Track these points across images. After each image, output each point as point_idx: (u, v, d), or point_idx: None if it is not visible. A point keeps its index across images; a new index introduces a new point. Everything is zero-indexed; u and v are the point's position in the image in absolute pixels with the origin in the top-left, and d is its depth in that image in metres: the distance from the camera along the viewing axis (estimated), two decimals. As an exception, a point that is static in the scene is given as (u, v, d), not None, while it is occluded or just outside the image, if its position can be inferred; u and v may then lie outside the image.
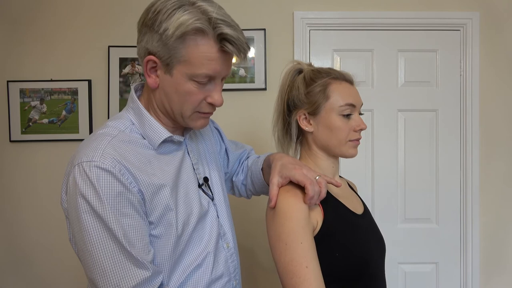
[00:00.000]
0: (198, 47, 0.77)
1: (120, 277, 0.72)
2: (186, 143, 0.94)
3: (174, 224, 0.81)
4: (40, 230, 1.79)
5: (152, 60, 0.80)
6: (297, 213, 0.85)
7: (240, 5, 1.80)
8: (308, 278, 0.81)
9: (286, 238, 0.83)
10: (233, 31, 0.77)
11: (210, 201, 0.93)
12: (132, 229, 0.75)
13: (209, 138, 1.07)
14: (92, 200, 0.72)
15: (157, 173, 0.82)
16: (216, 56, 0.78)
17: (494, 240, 1.84)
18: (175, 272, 0.83)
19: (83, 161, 0.75)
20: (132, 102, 0.88)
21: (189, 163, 0.92)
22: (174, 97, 0.82)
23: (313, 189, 0.85)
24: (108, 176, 0.74)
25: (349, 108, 0.95)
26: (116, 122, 0.85)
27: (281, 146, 1.06)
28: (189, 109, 0.83)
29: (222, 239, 0.93)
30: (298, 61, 1.05)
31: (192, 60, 0.77)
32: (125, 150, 0.79)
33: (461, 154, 1.85)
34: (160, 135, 0.84)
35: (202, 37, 0.76)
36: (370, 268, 0.93)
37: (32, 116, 1.79)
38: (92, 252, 0.73)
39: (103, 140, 0.78)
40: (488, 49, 1.83)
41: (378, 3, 1.82)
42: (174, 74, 0.79)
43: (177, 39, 0.75)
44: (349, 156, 0.98)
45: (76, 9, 1.80)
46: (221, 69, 0.81)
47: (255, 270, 1.79)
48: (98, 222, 0.73)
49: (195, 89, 0.80)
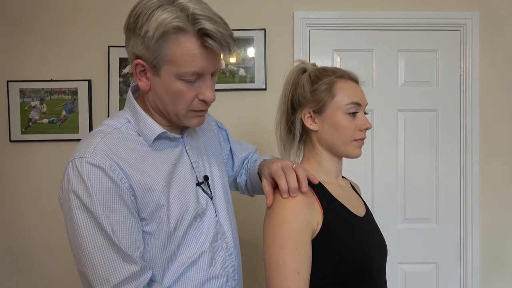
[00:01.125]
0: (180, 45, 0.76)
1: (109, 271, 0.74)
2: (184, 141, 0.94)
3: (165, 220, 0.81)
4: (40, 230, 1.79)
5: (140, 64, 0.80)
6: (296, 216, 0.84)
7: (240, 5, 1.80)
8: (298, 284, 0.81)
9: (282, 241, 0.83)
10: (213, 25, 0.75)
11: (209, 200, 0.92)
12: (120, 224, 0.76)
13: (212, 137, 1.07)
14: (83, 195, 0.74)
15: (149, 170, 0.82)
16: (199, 52, 0.77)
17: (494, 240, 1.84)
18: (169, 269, 0.83)
19: (76, 158, 0.77)
20: (129, 101, 0.89)
21: (186, 161, 0.92)
22: (166, 98, 0.82)
23: (283, 182, 0.85)
24: (98, 172, 0.75)
25: (354, 107, 0.95)
26: (112, 121, 0.87)
27: (283, 146, 1.05)
28: (183, 108, 0.83)
29: (221, 238, 0.93)
30: (302, 60, 1.05)
31: (176, 59, 0.77)
32: (117, 147, 0.80)
33: (461, 154, 1.85)
34: (154, 131, 0.85)
35: (183, 35, 0.76)
36: (371, 271, 0.92)
37: (32, 116, 1.79)
38: (82, 246, 0.74)
39: (97, 137, 0.80)
40: (488, 49, 1.83)
41: (378, 3, 1.82)
42: (162, 75, 0.79)
43: (158, 40, 0.75)
44: (353, 156, 0.98)
45: (76, 9, 1.80)
46: (207, 65, 0.80)
47: (257, 271, 1.79)
48: (88, 217, 0.74)
49: (184, 88, 0.80)
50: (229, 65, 1.80)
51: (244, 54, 1.80)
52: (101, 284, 0.74)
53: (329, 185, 0.96)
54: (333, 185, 0.98)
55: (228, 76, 1.80)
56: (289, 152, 1.05)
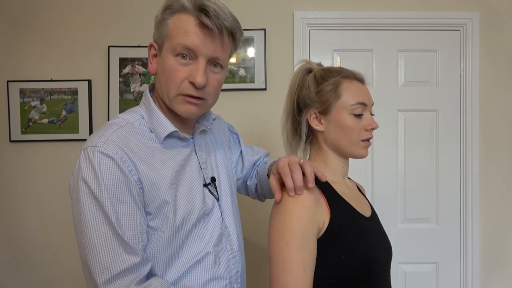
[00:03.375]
0: (179, 22, 0.82)
1: (110, 260, 0.75)
2: (194, 142, 0.95)
3: (170, 217, 0.82)
4: (40, 230, 1.79)
5: (153, 46, 0.88)
6: (303, 213, 0.84)
7: (240, 5, 1.80)
8: (303, 281, 0.81)
9: (289, 237, 0.83)
10: (212, 5, 0.80)
11: (215, 201, 0.93)
12: (125, 216, 0.77)
13: (222, 140, 1.07)
14: (92, 183, 0.75)
15: (157, 165, 0.83)
16: (195, 29, 0.81)
17: (494, 240, 1.84)
18: (171, 267, 0.84)
19: (88, 146, 0.79)
20: (145, 98, 0.91)
21: (195, 162, 0.92)
22: (162, 78, 0.85)
23: (289, 180, 0.85)
24: (109, 161, 0.77)
25: (360, 107, 0.95)
26: (126, 115, 0.89)
27: (290, 147, 1.05)
28: (172, 88, 0.84)
29: (226, 240, 0.93)
30: (307, 60, 1.04)
31: (172, 33, 0.82)
32: (129, 140, 0.82)
33: (461, 154, 1.85)
34: (166, 128, 0.86)
35: (184, 13, 0.82)
36: (376, 272, 0.92)
37: (32, 116, 1.79)
38: (87, 233, 0.75)
39: (110, 129, 0.82)
40: (488, 49, 1.83)
41: (378, 3, 1.82)
42: (163, 53, 0.84)
43: (162, 19, 0.83)
44: (359, 157, 0.98)
45: (76, 9, 1.80)
46: (202, 44, 0.81)
47: (261, 274, 1.79)
48: (95, 205, 0.75)
49: (178, 66, 0.82)
50: (229, 65, 1.80)
51: (244, 54, 1.80)
52: (102, 272, 0.74)
53: (336, 184, 0.96)
54: (340, 185, 0.97)
55: (228, 76, 1.80)
56: (295, 152, 1.05)
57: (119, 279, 0.75)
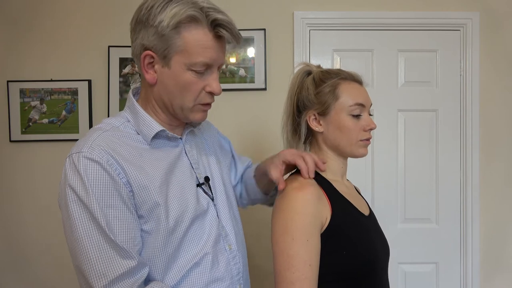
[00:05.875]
0: (194, 35, 0.79)
1: (105, 266, 0.73)
2: (184, 142, 0.94)
3: (163, 219, 0.81)
4: (40, 230, 1.79)
5: (149, 55, 0.81)
6: (307, 208, 0.85)
7: (240, 5, 1.80)
8: (309, 277, 0.82)
9: (294, 232, 0.83)
10: (225, 16, 0.80)
11: (210, 201, 0.92)
12: (117, 220, 0.75)
13: (211, 139, 1.07)
14: (79, 190, 0.74)
15: (146, 166, 0.82)
16: (212, 43, 0.81)
17: (494, 240, 1.84)
18: (170, 270, 0.82)
19: (73, 153, 0.78)
20: (129, 101, 0.90)
21: (186, 162, 0.91)
22: (174, 90, 0.83)
23: (303, 162, 0.92)
24: (95, 166, 0.75)
25: (358, 108, 0.96)
26: (111, 120, 0.88)
27: (290, 147, 1.06)
28: (190, 100, 0.84)
29: (223, 240, 0.92)
30: (306, 63, 1.06)
31: (188, 49, 0.79)
32: (115, 143, 0.81)
33: (461, 154, 1.85)
34: (152, 128, 0.85)
35: (196, 25, 0.79)
36: (376, 270, 0.93)
37: (32, 116, 1.79)
38: (79, 241, 0.74)
39: (94, 133, 0.81)
40: (488, 49, 1.83)
41: (378, 3, 1.82)
42: (172, 65, 0.81)
43: (172, 29, 0.78)
44: (359, 156, 0.99)
45: (76, 9, 1.80)
46: (217, 57, 0.83)
47: (260, 272, 1.79)
48: (85, 211, 0.74)
49: (194, 78, 0.82)
50: (229, 65, 1.80)
51: (244, 54, 1.80)
52: (98, 279, 0.73)
53: (335, 183, 0.98)
54: (339, 183, 0.99)
55: (228, 76, 1.80)
56: None
57: (117, 284, 0.73)
